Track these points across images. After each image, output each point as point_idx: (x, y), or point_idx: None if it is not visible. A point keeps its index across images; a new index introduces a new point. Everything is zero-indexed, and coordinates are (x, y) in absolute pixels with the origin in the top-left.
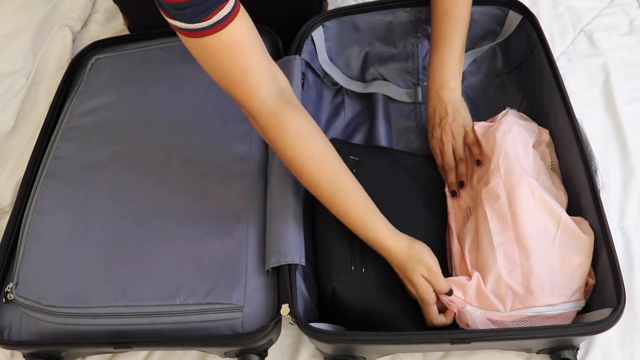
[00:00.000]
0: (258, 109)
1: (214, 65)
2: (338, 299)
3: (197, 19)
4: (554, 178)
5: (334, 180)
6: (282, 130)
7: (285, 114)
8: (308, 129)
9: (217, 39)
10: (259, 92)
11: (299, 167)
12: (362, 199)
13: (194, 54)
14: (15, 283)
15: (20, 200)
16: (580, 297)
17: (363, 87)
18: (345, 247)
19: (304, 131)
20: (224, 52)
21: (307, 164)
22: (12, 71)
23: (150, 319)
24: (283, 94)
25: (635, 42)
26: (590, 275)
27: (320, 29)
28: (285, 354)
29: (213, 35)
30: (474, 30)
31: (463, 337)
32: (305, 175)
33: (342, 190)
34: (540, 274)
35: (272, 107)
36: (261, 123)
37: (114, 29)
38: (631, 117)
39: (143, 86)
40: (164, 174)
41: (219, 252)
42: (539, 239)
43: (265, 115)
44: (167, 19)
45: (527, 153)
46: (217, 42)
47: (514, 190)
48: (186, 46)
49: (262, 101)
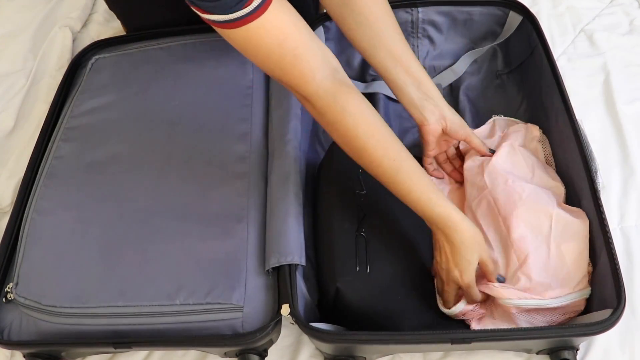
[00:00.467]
0: (315, 92)
1: (262, 55)
2: (341, 300)
3: (235, 8)
4: (549, 171)
5: (396, 158)
6: (343, 110)
7: (343, 94)
8: (368, 108)
9: (261, 25)
10: (314, 75)
11: (361, 146)
12: (424, 176)
13: (239, 47)
14: (15, 283)
15: (20, 200)
16: (585, 286)
17: (363, 87)
18: (349, 247)
19: (364, 110)
20: (271, 39)
21: (369, 143)
22: (12, 71)
23: (150, 319)
24: (336, 74)
25: (635, 42)
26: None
27: (320, 29)
28: (285, 354)
29: (256, 21)
30: (474, 31)
31: (464, 338)
32: (368, 155)
33: (404, 167)
34: (540, 272)
35: (330, 88)
36: (319, 105)
37: (114, 29)
38: (631, 117)
39: (143, 86)
40: (164, 174)
41: (219, 252)
42: (534, 240)
43: (324, 97)
44: (202, 14)
45: (515, 155)
46: (262, 29)
47: (502, 201)
48: (228, 40)
49: (318, 83)
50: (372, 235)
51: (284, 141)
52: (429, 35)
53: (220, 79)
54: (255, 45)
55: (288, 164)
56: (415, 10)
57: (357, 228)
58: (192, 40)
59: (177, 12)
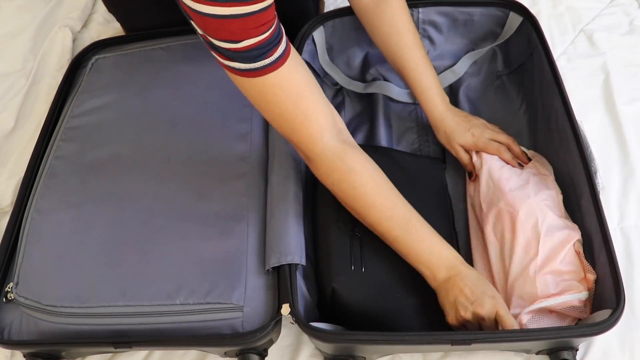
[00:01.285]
0: (321, 152)
1: (276, 111)
2: (338, 299)
3: (259, 59)
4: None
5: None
6: (350, 170)
7: (349, 154)
8: (372, 166)
9: (278, 81)
10: (322, 136)
11: (369, 203)
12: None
13: (252, 98)
14: (15, 283)
15: (20, 200)
16: (581, 288)
17: (363, 88)
18: (345, 247)
19: (369, 168)
20: (287, 97)
21: (378, 199)
22: (12, 71)
23: (151, 319)
24: (342, 134)
25: (635, 42)
26: (589, 271)
27: (321, 28)
28: (284, 354)
29: (274, 74)
30: (475, 32)
31: (464, 339)
32: (378, 209)
33: (414, 217)
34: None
35: (336, 149)
36: (325, 165)
37: (114, 29)
38: (631, 117)
39: (143, 86)
40: (164, 174)
41: (219, 252)
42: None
43: (330, 158)
44: (222, 60)
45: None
46: (278, 87)
47: (494, 222)
48: (241, 88)
49: (324, 144)
50: (367, 235)
51: (284, 141)
52: (429, 35)
53: (220, 79)
54: (270, 100)
55: (288, 164)
56: (416, 11)
57: (351, 228)
58: (192, 40)
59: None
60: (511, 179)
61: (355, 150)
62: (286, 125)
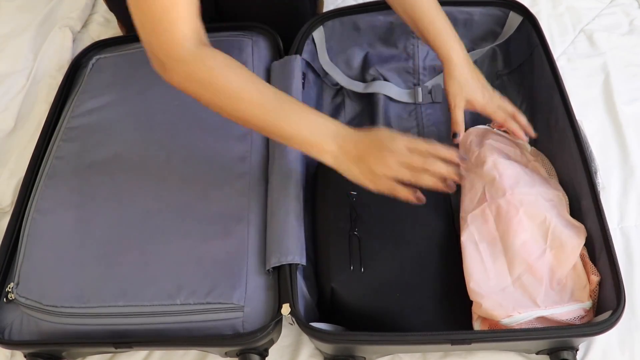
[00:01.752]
0: (180, 58)
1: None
2: (337, 299)
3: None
4: (551, 182)
5: (276, 94)
6: (211, 68)
7: (209, 55)
8: (232, 60)
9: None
10: (185, 42)
11: (236, 95)
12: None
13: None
14: (16, 283)
15: (21, 200)
16: (584, 298)
17: (363, 87)
18: (344, 247)
19: (229, 62)
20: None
21: (245, 89)
22: (12, 71)
23: (151, 319)
24: (201, 37)
25: (635, 42)
26: (594, 273)
27: (321, 28)
28: (284, 354)
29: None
30: (474, 31)
31: (464, 338)
32: (247, 100)
33: (286, 99)
34: (533, 287)
35: (196, 52)
36: (183, 71)
37: (114, 29)
38: (631, 117)
39: (143, 86)
40: (164, 174)
41: (220, 252)
42: (529, 255)
43: (191, 62)
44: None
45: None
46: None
47: (500, 214)
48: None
49: (186, 50)
50: (366, 235)
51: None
52: None
53: None
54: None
55: (288, 164)
56: None
57: (350, 228)
58: None
59: None
60: (517, 177)
61: (213, 49)
62: (149, 26)
